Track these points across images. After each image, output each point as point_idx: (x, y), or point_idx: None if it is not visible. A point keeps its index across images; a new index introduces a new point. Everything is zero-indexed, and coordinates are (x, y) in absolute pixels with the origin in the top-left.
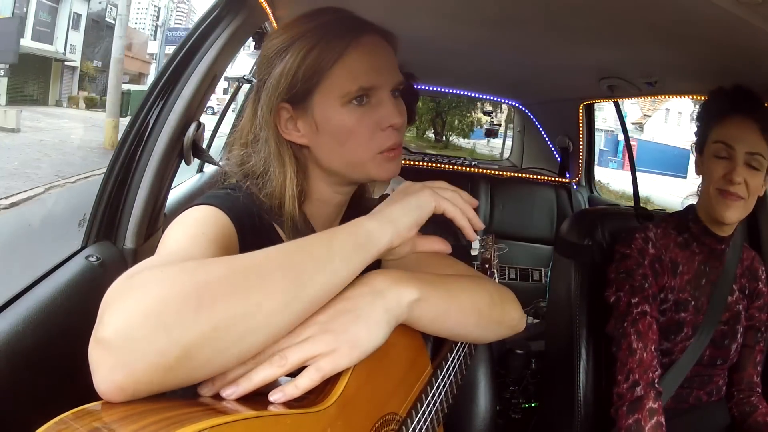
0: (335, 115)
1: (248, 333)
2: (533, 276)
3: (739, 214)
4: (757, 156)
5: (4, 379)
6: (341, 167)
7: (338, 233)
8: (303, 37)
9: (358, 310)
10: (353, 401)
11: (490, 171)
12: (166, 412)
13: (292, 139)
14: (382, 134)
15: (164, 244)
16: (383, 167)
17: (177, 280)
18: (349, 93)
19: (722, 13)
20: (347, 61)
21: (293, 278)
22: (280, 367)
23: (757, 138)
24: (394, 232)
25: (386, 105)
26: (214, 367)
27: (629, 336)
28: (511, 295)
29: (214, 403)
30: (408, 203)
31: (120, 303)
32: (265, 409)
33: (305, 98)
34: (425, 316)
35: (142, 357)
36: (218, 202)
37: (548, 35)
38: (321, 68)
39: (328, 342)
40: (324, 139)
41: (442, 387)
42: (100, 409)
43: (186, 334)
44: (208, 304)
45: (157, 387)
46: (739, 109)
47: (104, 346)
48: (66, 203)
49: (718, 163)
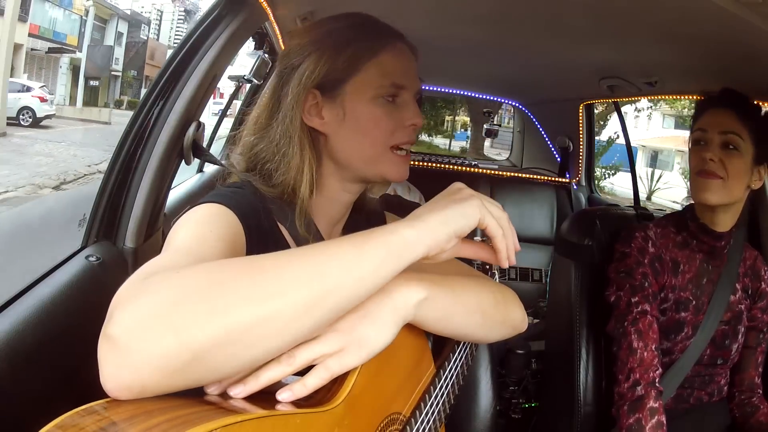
0: (366, 107)
1: (263, 339)
2: (533, 276)
3: (719, 197)
4: (731, 135)
5: (5, 379)
6: (355, 160)
7: (371, 239)
8: (340, 31)
9: (366, 310)
10: (360, 400)
11: (490, 171)
12: (175, 411)
13: (313, 125)
14: (401, 131)
15: (172, 242)
16: (396, 166)
17: (191, 283)
18: (382, 87)
19: (722, 12)
20: (383, 60)
21: (317, 286)
22: (288, 366)
23: (731, 120)
24: (433, 242)
25: (411, 106)
26: (225, 371)
27: (630, 335)
28: (514, 296)
29: (222, 402)
30: (452, 211)
31: (132, 303)
32: (273, 408)
33: (337, 86)
34: (431, 316)
35: (149, 359)
36: (225, 200)
37: (548, 35)
38: (358, 61)
39: (337, 341)
40: (347, 129)
41: (444, 387)
42: (108, 408)
43: (197, 338)
44: (222, 309)
45: (165, 388)
46: (717, 104)
47: (113, 344)
48: (66, 203)
49: (695, 150)
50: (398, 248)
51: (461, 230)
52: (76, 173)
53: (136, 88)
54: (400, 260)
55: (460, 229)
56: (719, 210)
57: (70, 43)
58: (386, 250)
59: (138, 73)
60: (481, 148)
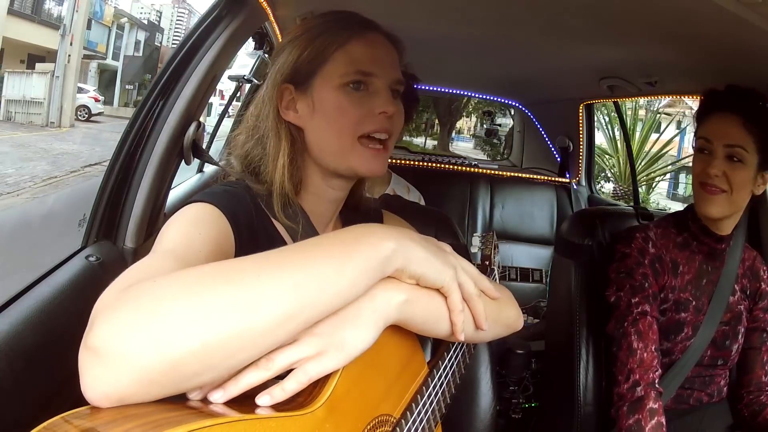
0: (331, 96)
1: (239, 350)
2: (533, 276)
3: (722, 210)
4: (736, 148)
5: (5, 379)
6: (326, 153)
7: (352, 256)
8: (313, 27)
9: (345, 313)
10: (342, 403)
11: (490, 171)
12: (153, 415)
13: (289, 119)
14: (370, 119)
15: (160, 242)
16: (366, 160)
17: (169, 294)
18: (346, 75)
19: (722, 12)
20: (349, 49)
21: (294, 301)
22: (266, 371)
23: (737, 131)
24: (406, 260)
25: (382, 94)
26: (203, 380)
27: (629, 336)
28: (508, 294)
29: (201, 407)
30: (434, 257)
31: (110, 314)
32: (252, 412)
33: (307, 80)
34: (416, 317)
35: (128, 369)
36: (214, 200)
37: (548, 35)
38: (324, 52)
39: (315, 345)
40: (317, 120)
41: (438, 387)
42: (89, 413)
43: (174, 349)
44: (199, 321)
45: (144, 396)
46: (723, 106)
47: (92, 354)
48: (66, 203)
49: (699, 158)
50: (377, 264)
51: (427, 276)
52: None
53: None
54: (378, 274)
55: (427, 273)
56: (723, 218)
57: (100, 50)
58: (366, 265)
59: (152, 77)
60: (447, 145)
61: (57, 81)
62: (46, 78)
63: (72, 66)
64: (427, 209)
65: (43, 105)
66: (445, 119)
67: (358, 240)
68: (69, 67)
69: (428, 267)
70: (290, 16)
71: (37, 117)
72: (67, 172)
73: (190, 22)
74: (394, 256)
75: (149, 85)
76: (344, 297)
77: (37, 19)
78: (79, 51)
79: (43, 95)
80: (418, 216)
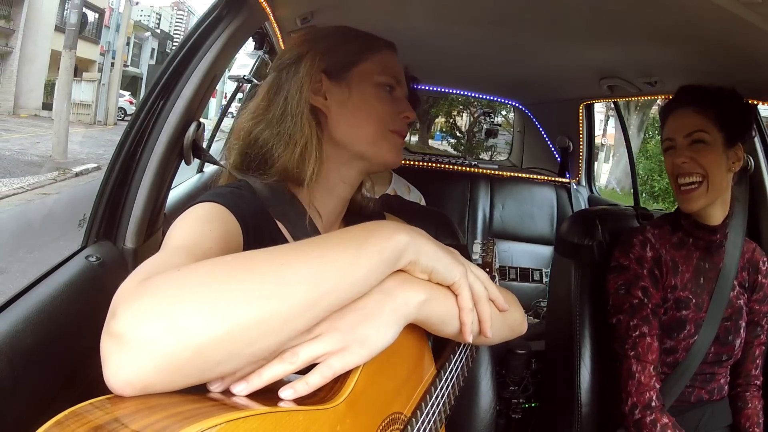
0: (373, 89)
1: (261, 337)
2: (533, 276)
3: (702, 201)
4: (695, 133)
5: (5, 379)
6: (357, 139)
7: (367, 246)
8: (344, 30)
9: (366, 310)
10: (361, 399)
11: (490, 171)
12: (177, 407)
13: (316, 104)
14: (398, 119)
15: (169, 240)
16: (395, 150)
17: (192, 281)
18: (383, 77)
19: (722, 12)
20: (383, 57)
21: (314, 289)
22: (291, 364)
23: (692, 119)
24: (418, 254)
25: (404, 102)
26: (226, 368)
27: (629, 359)
28: (514, 298)
29: (224, 399)
30: (445, 254)
31: (135, 301)
32: (276, 405)
33: (343, 72)
34: (434, 316)
35: (152, 355)
36: (222, 200)
37: (548, 35)
38: (364, 52)
39: (338, 340)
40: (351, 108)
41: (445, 388)
42: (110, 404)
43: (198, 336)
44: (222, 308)
45: (167, 385)
46: (676, 105)
47: (115, 341)
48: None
49: (667, 156)
50: (391, 255)
51: (438, 270)
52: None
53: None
54: (391, 266)
55: (438, 267)
56: (707, 207)
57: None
58: (380, 257)
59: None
60: (426, 140)
61: (103, 88)
62: (94, 85)
63: (115, 76)
64: (426, 209)
65: (90, 107)
66: (424, 117)
67: (371, 233)
68: (113, 77)
69: (439, 262)
70: (290, 16)
71: (85, 116)
72: None
73: (189, 23)
74: (408, 248)
75: (149, 85)
76: (360, 287)
77: (80, 35)
78: (119, 64)
79: (91, 98)
80: (418, 216)
